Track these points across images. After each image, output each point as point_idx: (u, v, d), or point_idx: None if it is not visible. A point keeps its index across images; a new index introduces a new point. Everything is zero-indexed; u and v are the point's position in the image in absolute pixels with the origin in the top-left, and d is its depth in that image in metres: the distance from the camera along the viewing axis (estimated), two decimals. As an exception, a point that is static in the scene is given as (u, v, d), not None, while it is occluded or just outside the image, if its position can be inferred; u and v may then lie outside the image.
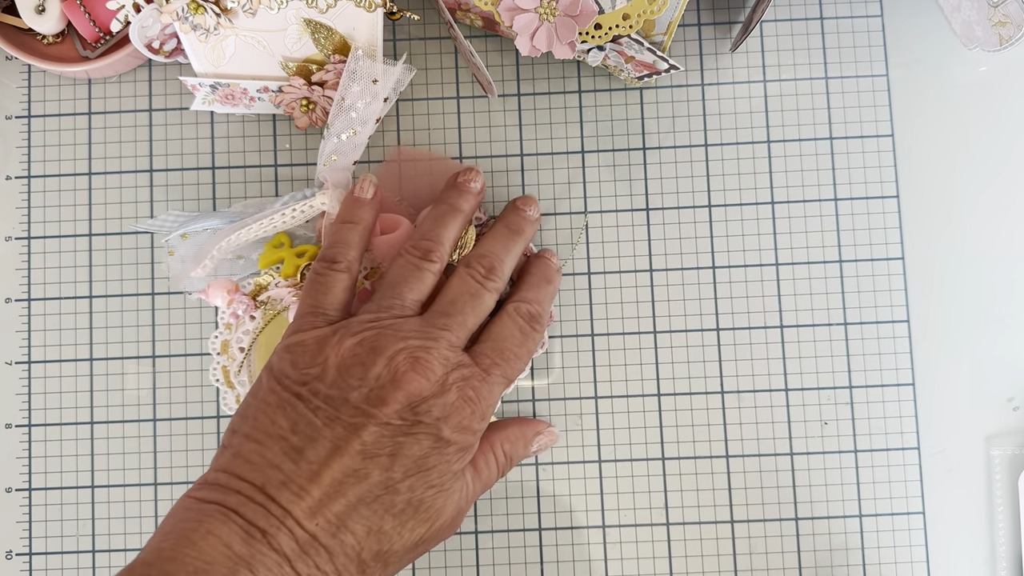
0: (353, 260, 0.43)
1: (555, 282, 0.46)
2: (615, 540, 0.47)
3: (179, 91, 0.49)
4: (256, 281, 0.47)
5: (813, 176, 0.49)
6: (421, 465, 0.39)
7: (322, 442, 0.38)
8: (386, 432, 0.38)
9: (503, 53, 0.49)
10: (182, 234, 0.47)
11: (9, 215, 0.49)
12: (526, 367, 0.46)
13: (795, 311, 0.48)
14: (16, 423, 0.48)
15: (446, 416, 0.39)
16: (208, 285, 0.47)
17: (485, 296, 0.43)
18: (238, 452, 0.39)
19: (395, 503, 0.39)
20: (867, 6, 0.49)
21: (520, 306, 0.44)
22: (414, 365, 0.39)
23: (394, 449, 0.38)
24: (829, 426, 0.48)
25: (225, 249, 0.44)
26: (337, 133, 0.44)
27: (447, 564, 0.47)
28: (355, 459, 0.38)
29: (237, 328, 0.46)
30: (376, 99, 0.44)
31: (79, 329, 0.48)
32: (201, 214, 0.47)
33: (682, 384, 0.48)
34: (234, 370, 0.46)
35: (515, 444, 0.45)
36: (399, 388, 0.39)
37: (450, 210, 0.45)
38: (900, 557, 0.47)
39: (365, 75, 0.44)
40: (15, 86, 0.50)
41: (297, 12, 0.44)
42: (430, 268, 0.43)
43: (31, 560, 0.47)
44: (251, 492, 0.37)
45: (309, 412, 0.39)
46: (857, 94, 0.49)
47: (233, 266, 0.47)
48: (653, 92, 0.49)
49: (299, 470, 0.38)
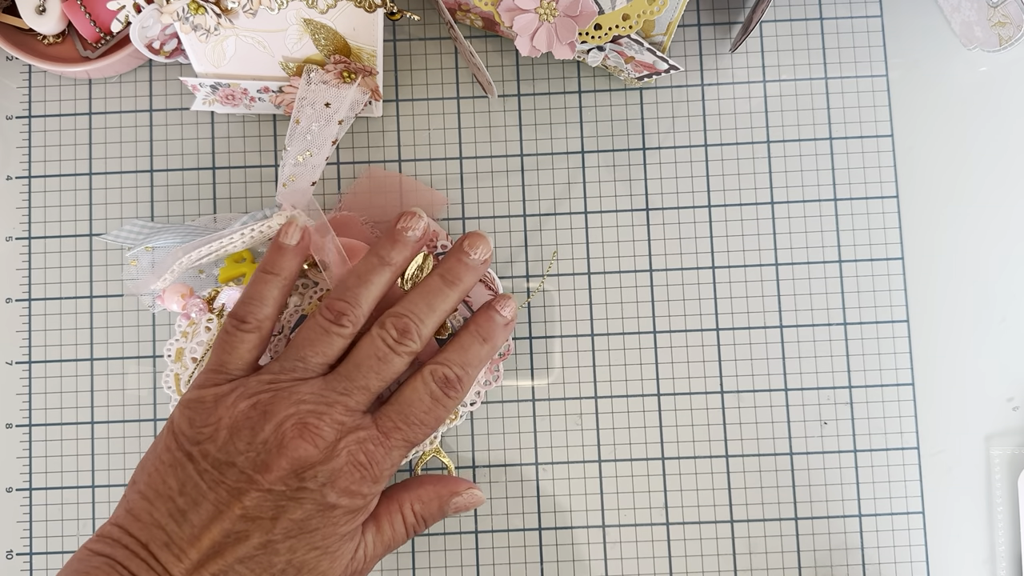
0: (265, 318, 0.42)
1: (494, 340, 0.43)
2: (615, 540, 0.47)
3: (179, 91, 0.49)
4: (213, 290, 0.47)
5: (813, 176, 0.49)
6: (303, 527, 0.39)
7: (205, 505, 0.39)
8: (269, 497, 0.39)
9: (503, 53, 0.50)
10: (146, 247, 0.47)
11: (9, 215, 0.49)
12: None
13: (795, 311, 0.48)
14: (16, 423, 0.48)
15: (332, 481, 0.39)
16: (163, 290, 0.46)
17: (395, 360, 0.41)
18: (130, 508, 0.40)
19: (274, 563, 0.39)
20: (867, 6, 0.49)
21: (437, 369, 0.42)
22: (302, 432, 0.39)
23: (276, 512, 0.39)
24: (829, 426, 0.48)
25: (184, 265, 0.44)
26: (293, 155, 0.44)
27: (447, 564, 0.47)
28: (236, 522, 0.39)
29: (192, 338, 0.46)
30: (330, 122, 0.44)
31: (79, 329, 0.48)
32: (164, 227, 0.47)
33: (682, 384, 0.48)
34: (185, 379, 0.46)
35: (427, 505, 0.44)
36: (283, 455, 0.39)
37: (377, 265, 0.43)
38: (900, 557, 0.47)
39: (317, 98, 0.44)
40: (15, 86, 0.50)
41: (297, 12, 0.44)
42: (340, 332, 0.41)
43: (31, 560, 0.47)
44: (136, 548, 0.39)
45: (196, 475, 0.39)
46: (857, 94, 0.49)
47: (195, 281, 0.47)
48: (653, 92, 0.49)
49: (181, 532, 0.39)
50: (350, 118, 0.46)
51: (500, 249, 0.48)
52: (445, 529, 0.47)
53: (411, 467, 0.47)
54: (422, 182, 0.49)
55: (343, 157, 0.49)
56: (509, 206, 0.49)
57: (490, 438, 0.48)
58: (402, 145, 0.49)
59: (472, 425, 0.48)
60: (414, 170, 0.49)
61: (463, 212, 0.49)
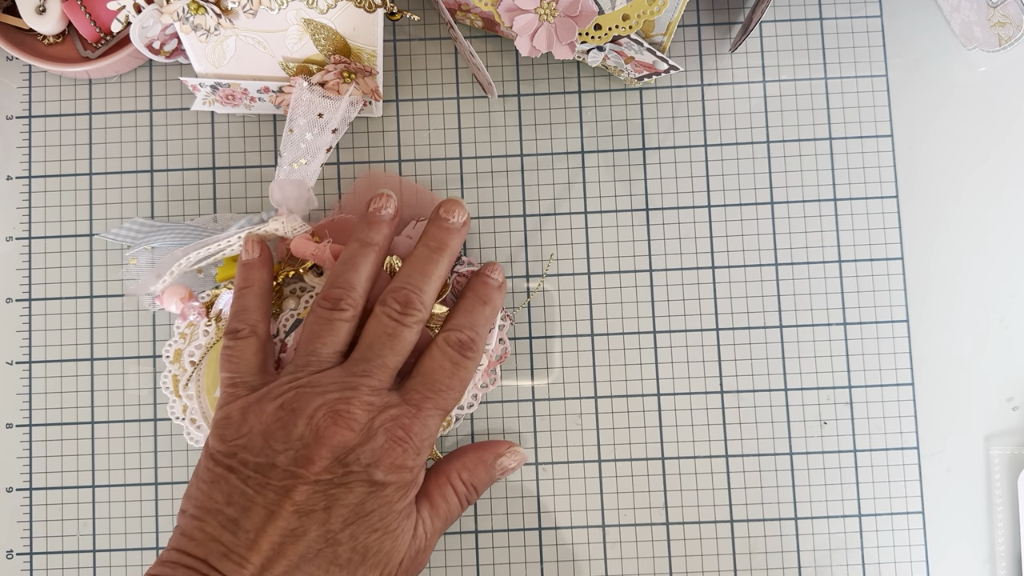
0: (257, 322, 0.43)
1: (493, 301, 0.45)
2: (615, 540, 0.47)
3: (179, 91, 0.49)
4: (212, 292, 0.47)
5: (813, 176, 0.49)
6: (359, 511, 0.39)
7: (256, 510, 0.39)
8: (318, 488, 0.39)
9: (503, 53, 0.50)
10: (146, 246, 0.47)
11: (10, 215, 0.49)
12: (464, 395, 0.45)
13: (795, 311, 0.48)
14: (16, 423, 0.48)
15: (376, 460, 0.40)
16: (162, 291, 0.46)
17: (404, 332, 0.42)
18: (184, 530, 0.40)
19: (339, 554, 0.39)
20: (867, 6, 0.49)
21: (451, 335, 0.43)
22: (335, 419, 0.40)
23: (328, 502, 0.39)
24: (828, 426, 0.48)
25: (183, 267, 0.44)
26: (288, 163, 0.45)
27: (447, 564, 0.47)
28: (290, 519, 0.39)
29: (191, 340, 0.46)
30: (324, 131, 0.44)
31: (79, 329, 0.48)
32: (164, 226, 0.47)
33: (682, 384, 0.48)
34: (183, 381, 0.46)
35: (474, 471, 0.45)
36: (323, 444, 0.39)
37: (360, 248, 0.43)
38: (899, 557, 0.47)
39: (311, 108, 0.44)
40: (16, 86, 0.50)
41: (297, 13, 0.44)
42: (341, 317, 0.42)
43: (31, 560, 0.47)
44: (197, 565, 0.38)
45: (241, 483, 0.39)
46: (857, 94, 0.49)
47: (193, 279, 0.47)
48: (653, 92, 0.49)
49: (237, 540, 0.39)
50: (342, 129, 0.46)
51: (500, 249, 0.48)
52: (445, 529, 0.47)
53: None
54: (422, 183, 0.49)
55: (343, 157, 0.49)
56: (509, 206, 0.49)
57: (490, 438, 0.48)
58: (402, 145, 0.49)
59: (472, 425, 0.48)
60: (414, 170, 0.49)
61: (463, 212, 0.49)
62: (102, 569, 0.47)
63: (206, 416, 0.46)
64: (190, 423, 0.46)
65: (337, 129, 0.45)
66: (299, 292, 0.47)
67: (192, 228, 0.47)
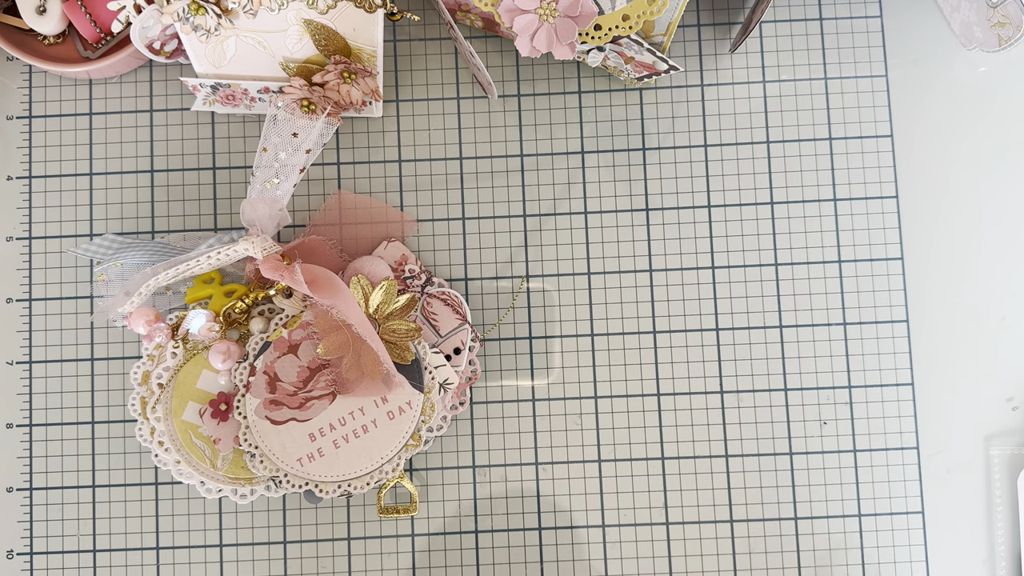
0: None
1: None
2: (615, 540, 0.47)
3: (180, 92, 0.49)
4: (180, 314, 0.46)
5: (813, 176, 0.49)
6: None
7: None
8: None
9: (503, 54, 0.50)
10: (115, 262, 0.47)
11: (10, 215, 0.49)
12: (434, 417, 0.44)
13: (795, 311, 0.48)
14: (17, 423, 0.48)
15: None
16: (130, 312, 0.46)
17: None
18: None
19: None
20: (867, 6, 0.49)
21: None
22: None
23: None
24: (828, 426, 0.48)
25: (152, 287, 0.44)
26: (260, 182, 0.45)
27: (447, 564, 0.47)
28: None
29: (158, 362, 0.46)
30: (298, 151, 0.44)
31: (79, 329, 0.48)
32: (134, 243, 0.47)
33: (682, 384, 0.48)
34: (151, 403, 0.46)
35: None
36: None
37: None
38: (899, 557, 0.47)
39: (285, 128, 0.44)
40: (16, 87, 0.50)
41: (297, 13, 0.44)
42: None
43: (32, 560, 0.47)
44: None
45: None
46: (856, 94, 0.49)
47: (161, 298, 0.47)
48: (653, 92, 0.49)
49: None
50: (317, 149, 0.46)
51: (500, 249, 0.48)
52: (445, 529, 0.47)
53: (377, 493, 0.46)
54: (391, 205, 0.48)
55: (343, 157, 0.49)
56: (509, 206, 0.49)
57: (490, 438, 0.48)
58: (402, 145, 0.49)
59: (472, 425, 0.48)
60: (414, 170, 0.49)
61: (463, 212, 0.49)
62: (102, 569, 0.47)
63: (173, 439, 0.45)
64: (158, 445, 0.45)
65: (311, 149, 0.45)
66: (268, 314, 0.46)
67: (162, 246, 0.47)
